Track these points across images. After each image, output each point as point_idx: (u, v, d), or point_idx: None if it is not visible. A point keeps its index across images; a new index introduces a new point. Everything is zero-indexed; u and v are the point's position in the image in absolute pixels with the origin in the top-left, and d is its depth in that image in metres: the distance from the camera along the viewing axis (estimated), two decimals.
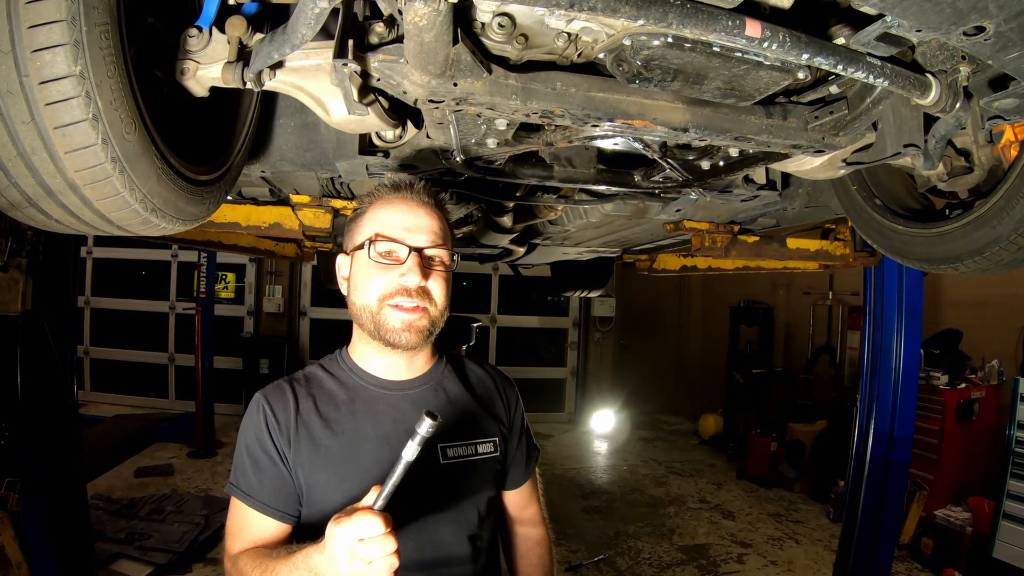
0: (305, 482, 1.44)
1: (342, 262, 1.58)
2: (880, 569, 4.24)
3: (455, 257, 1.54)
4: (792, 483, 7.70)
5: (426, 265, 1.47)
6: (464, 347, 5.91)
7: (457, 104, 1.39)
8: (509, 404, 1.74)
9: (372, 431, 1.48)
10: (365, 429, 1.48)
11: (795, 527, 6.62)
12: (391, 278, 1.45)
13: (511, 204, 3.02)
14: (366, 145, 1.99)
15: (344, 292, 1.57)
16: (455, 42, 1.21)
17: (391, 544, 1.12)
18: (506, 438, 1.68)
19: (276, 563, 1.29)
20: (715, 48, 1.21)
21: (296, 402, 1.49)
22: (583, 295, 7.50)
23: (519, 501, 1.81)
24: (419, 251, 1.46)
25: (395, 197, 1.51)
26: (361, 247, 1.48)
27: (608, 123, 1.48)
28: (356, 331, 1.58)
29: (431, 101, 1.38)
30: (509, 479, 1.74)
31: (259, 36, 1.34)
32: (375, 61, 1.29)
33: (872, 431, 4.23)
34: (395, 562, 1.13)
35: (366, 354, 1.57)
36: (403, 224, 1.47)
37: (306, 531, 1.46)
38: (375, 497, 1.15)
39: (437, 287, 1.48)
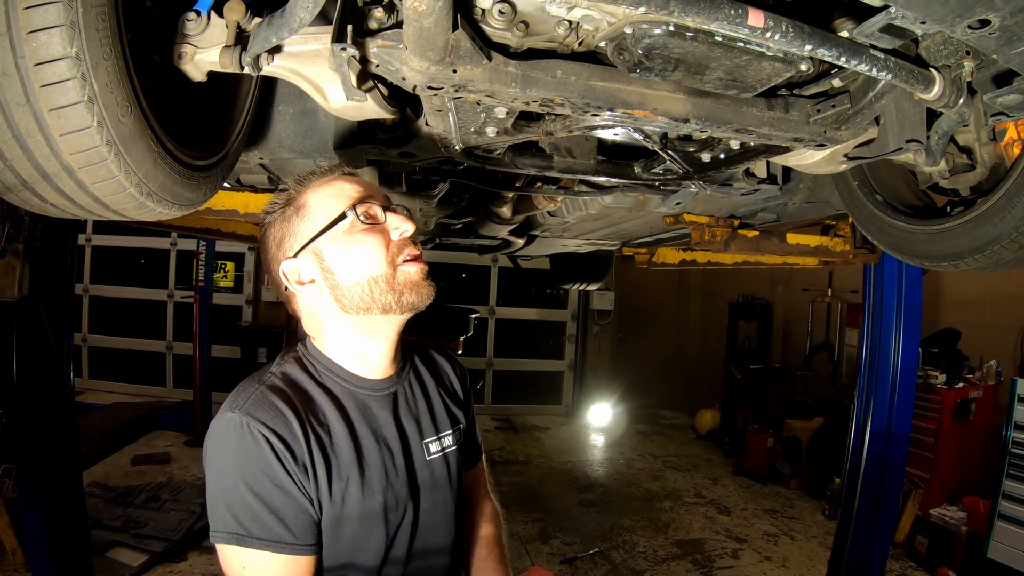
0: (323, 505, 1.29)
1: (292, 268, 1.36)
2: (874, 567, 4.25)
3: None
4: (788, 479, 7.72)
5: None
6: (462, 338, 5.91)
7: (456, 91, 1.38)
8: (466, 390, 1.71)
9: (372, 437, 1.38)
10: (365, 437, 1.36)
11: (790, 523, 6.63)
12: (387, 236, 1.35)
13: (510, 194, 3.01)
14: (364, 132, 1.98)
15: (307, 300, 1.39)
16: (455, 28, 1.19)
17: None
18: (463, 424, 1.64)
19: None
20: (717, 38, 1.20)
21: (300, 422, 1.27)
22: (582, 288, 7.51)
23: (473, 479, 1.78)
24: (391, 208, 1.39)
25: (331, 177, 1.40)
26: (334, 225, 1.33)
27: (608, 112, 1.47)
28: (340, 324, 1.38)
29: (430, 88, 1.37)
30: (467, 462, 1.70)
31: (257, 20, 1.33)
32: (374, 47, 1.28)
33: (869, 428, 4.24)
34: None
35: (350, 350, 1.41)
36: (363, 190, 1.38)
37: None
38: None
39: None
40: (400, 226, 1.37)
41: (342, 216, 1.33)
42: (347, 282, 1.33)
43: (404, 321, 1.41)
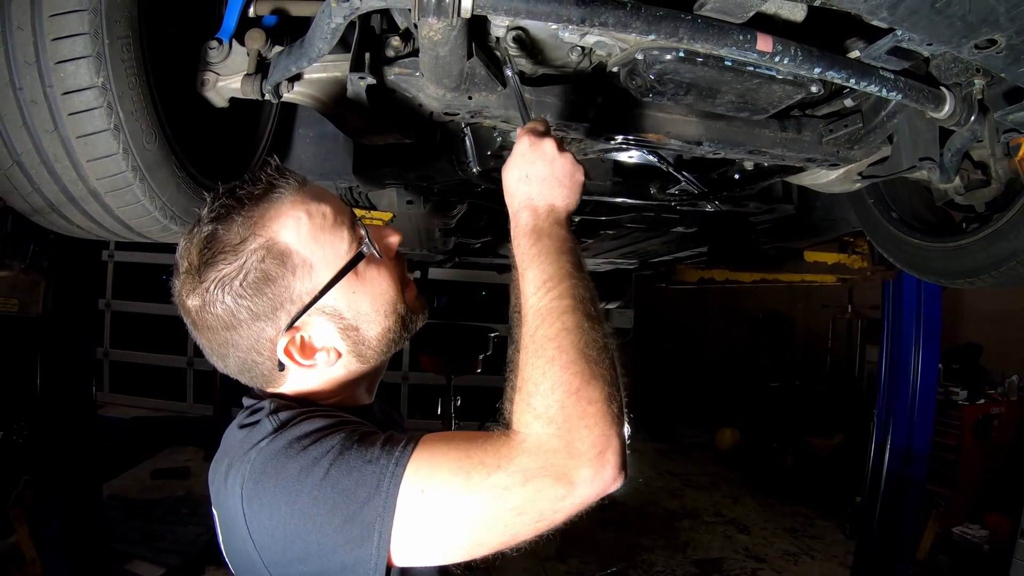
0: None
1: (299, 340, 1.01)
2: None
3: None
4: (809, 498, 7.62)
5: None
6: (481, 357, 5.93)
7: (472, 117, 1.40)
8: None
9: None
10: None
11: (811, 542, 6.54)
12: (388, 262, 1.11)
13: None
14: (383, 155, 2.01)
15: (316, 372, 1.06)
16: (469, 56, 1.22)
17: None
18: None
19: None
20: (727, 62, 1.22)
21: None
22: (601, 306, 7.50)
23: None
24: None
25: (295, 198, 1.01)
26: (348, 270, 1.03)
27: (622, 136, 1.49)
28: (353, 375, 1.11)
29: (446, 114, 1.39)
30: None
31: (278, 49, 1.36)
32: (391, 74, 1.31)
33: (888, 446, 4.21)
34: None
35: (360, 391, 1.15)
36: (345, 207, 1.09)
37: None
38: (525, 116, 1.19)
39: None
40: (395, 241, 1.14)
41: (358, 256, 1.05)
42: (374, 332, 1.08)
43: None
